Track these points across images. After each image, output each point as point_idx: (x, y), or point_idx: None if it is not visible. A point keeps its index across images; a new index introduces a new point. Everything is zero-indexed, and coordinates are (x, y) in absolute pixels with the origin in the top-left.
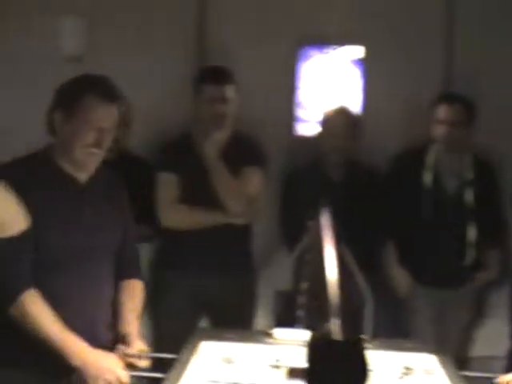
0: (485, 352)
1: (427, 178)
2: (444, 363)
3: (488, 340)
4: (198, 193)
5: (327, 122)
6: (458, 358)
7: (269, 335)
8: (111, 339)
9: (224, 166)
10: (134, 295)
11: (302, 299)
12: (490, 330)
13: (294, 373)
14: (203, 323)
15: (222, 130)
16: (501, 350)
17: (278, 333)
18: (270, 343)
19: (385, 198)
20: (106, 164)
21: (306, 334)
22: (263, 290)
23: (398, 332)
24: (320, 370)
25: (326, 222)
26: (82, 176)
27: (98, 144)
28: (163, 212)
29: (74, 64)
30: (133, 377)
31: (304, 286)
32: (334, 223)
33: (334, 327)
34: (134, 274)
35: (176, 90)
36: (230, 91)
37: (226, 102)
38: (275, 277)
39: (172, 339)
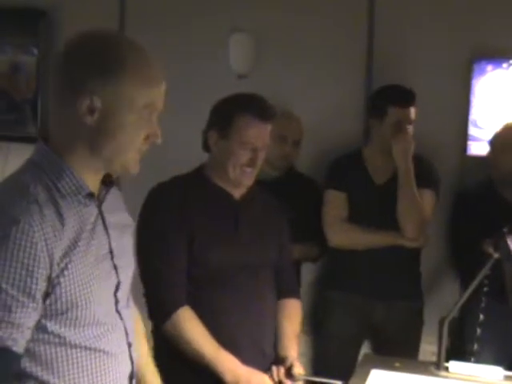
0: None
1: None
2: None
3: None
4: (366, 213)
5: (499, 140)
6: None
7: (443, 367)
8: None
9: (414, 180)
10: (292, 316)
11: (478, 332)
12: None
13: None
14: (366, 348)
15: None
16: None
17: (453, 366)
18: (442, 376)
19: None
20: (274, 181)
21: (482, 370)
22: (428, 316)
23: None
24: None
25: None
26: (237, 193)
27: (251, 163)
28: (331, 230)
29: (242, 81)
30: None
31: (481, 318)
32: None
33: None
34: (291, 293)
35: (343, 107)
36: (414, 113)
37: (411, 123)
38: (442, 303)
39: (332, 363)
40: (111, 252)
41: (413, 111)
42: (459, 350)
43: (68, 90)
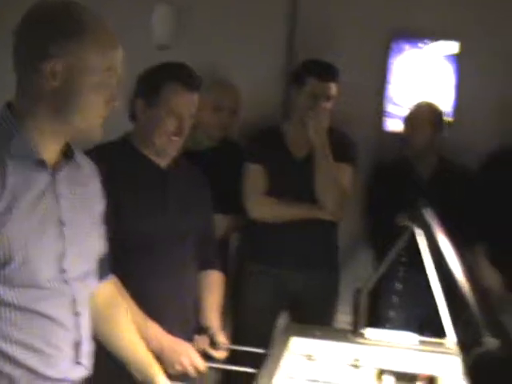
0: None
1: None
2: None
3: None
4: (285, 186)
5: (412, 117)
6: None
7: (360, 335)
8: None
9: (331, 155)
10: (214, 287)
11: (395, 300)
12: None
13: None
14: (284, 317)
15: (321, 118)
16: None
17: (370, 333)
18: (359, 343)
19: (476, 196)
20: (209, 150)
21: (397, 336)
22: (344, 286)
23: None
24: None
25: (433, 221)
26: (163, 162)
27: (178, 132)
28: (250, 203)
29: (164, 52)
30: (210, 368)
31: (399, 286)
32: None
33: (493, 341)
34: (213, 265)
35: (266, 78)
36: (334, 89)
37: (330, 99)
38: (357, 274)
39: (252, 332)
40: (61, 221)
41: (333, 87)
42: (374, 319)
43: (30, 56)
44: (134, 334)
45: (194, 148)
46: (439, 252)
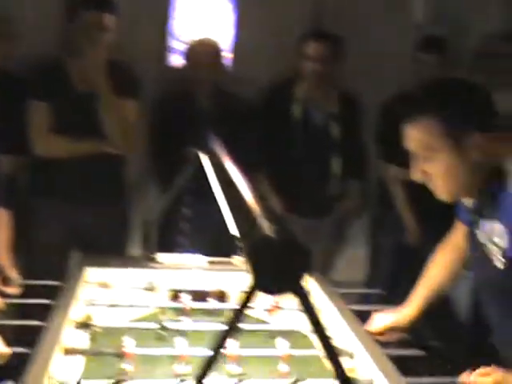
0: (346, 278)
1: (296, 111)
2: (321, 282)
3: (349, 266)
4: (71, 122)
5: (191, 52)
6: None
7: (152, 259)
8: None
9: (112, 90)
10: (1, 225)
11: (183, 225)
12: (350, 256)
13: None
14: (77, 251)
15: (97, 51)
16: (360, 276)
17: (162, 257)
18: (153, 267)
19: (255, 128)
20: None
21: (188, 258)
22: (136, 219)
23: None
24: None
25: (220, 150)
26: None
27: None
28: (36, 141)
29: None
30: (6, 303)
31: (187, 212)
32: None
33: (269, 229)
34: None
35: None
36: (109, 20)
37: (104, 30)
38: (147, 206)
39: (45, 267)
40: None
41: (107, 17)
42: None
43: None
44: None
45: None
46: (226, 176)
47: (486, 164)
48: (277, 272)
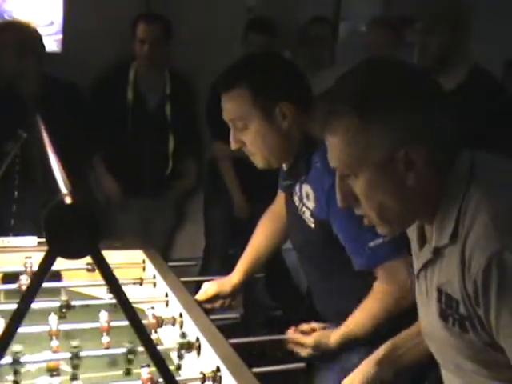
0: (185, 254)
1: (129, 93)
2: (151, 256)
3: (188, 243)
4: None
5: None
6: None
7: None
8: None
9: None
10: None
11: (13, 207)
12: (189, 233)
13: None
14: None
15: None
16: (198, 251)
17: None
18: None
19: (90, 112)
20: None
21: (20, 241)
22: None
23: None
24: (58, 233)
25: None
26: None
27: None
28: None
29: None
30: None
31: (16, 195)
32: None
33: (63, 196)
34: None
35: None
36: None
37: None
38: None
39: None
40: None
41: None
42: None
43: None
44: None
45: None
46: (46, 156)
47: (297, 131)
48: (70, 236)
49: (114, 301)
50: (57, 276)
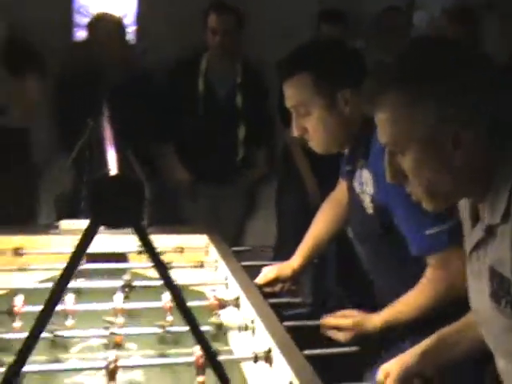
0: (256, 242)
1: (200, 83)
2: (215, 240)
3: (259, 231)
4: None
5: (92, 27)
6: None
7: (55, 227)
8: None
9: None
10: None
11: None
12: (260, 222)
13: None
14: None
15: None
16: (270, 240)
17: (64, 224)
18: (56, 234)
19: (163, 101)
20: None
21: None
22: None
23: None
24: (101, 202)
25: (106, 123)
26: None
27: None
28: None
29: None
30: None
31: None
32: (114, 124)
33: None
34: None
35: None
36: None
37: None
38: (56, 180)
39: None
40: None
41: None
42: None
43: None
44: None
45: None
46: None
47: (358, 116)
48: (113, 205)
49: None
50: (123, 258)
